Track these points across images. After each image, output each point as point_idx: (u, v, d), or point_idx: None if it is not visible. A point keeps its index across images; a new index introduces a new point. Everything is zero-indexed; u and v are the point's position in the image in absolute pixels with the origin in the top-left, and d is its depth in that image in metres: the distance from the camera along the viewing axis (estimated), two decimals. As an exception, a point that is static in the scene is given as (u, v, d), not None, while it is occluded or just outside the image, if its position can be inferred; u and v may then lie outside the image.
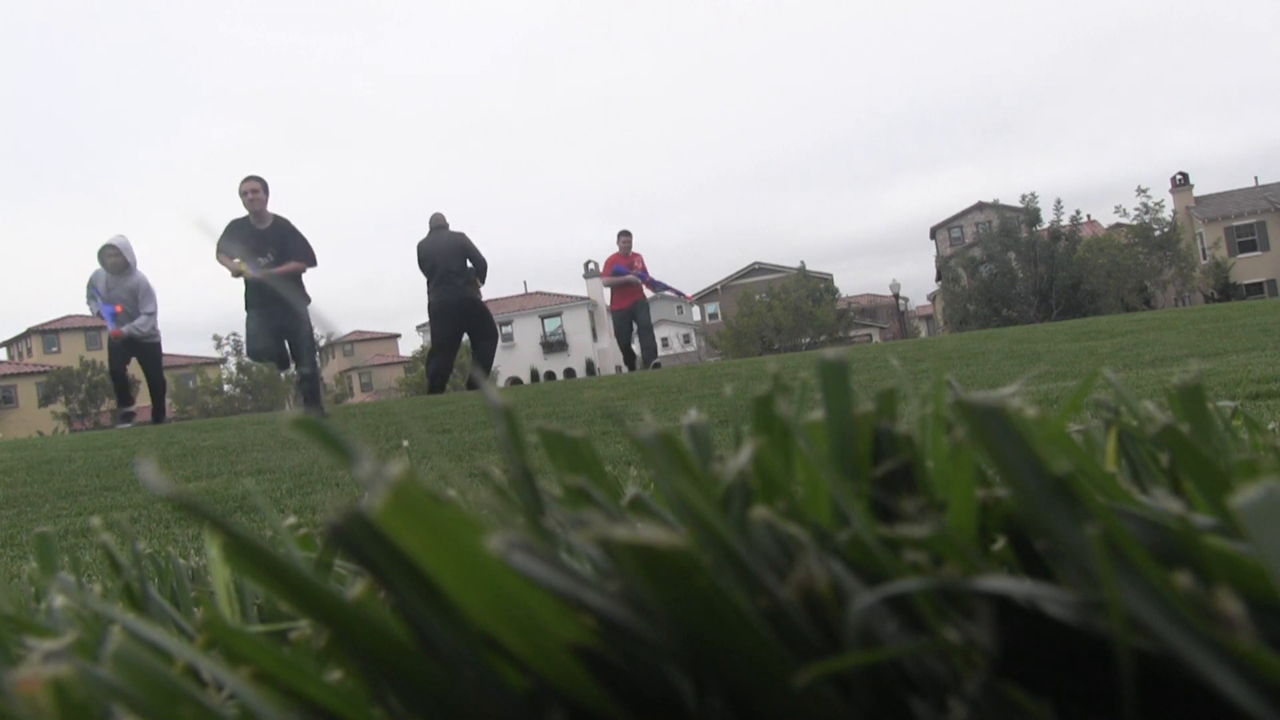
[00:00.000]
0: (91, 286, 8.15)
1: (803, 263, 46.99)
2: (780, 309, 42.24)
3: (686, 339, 55.51)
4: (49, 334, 50.35)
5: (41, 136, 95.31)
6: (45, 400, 45.44)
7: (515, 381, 42.04)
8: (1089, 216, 45.13)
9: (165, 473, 0.35)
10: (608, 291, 11.01)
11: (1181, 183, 43.97)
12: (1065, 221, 38.63)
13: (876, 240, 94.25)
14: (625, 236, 10.87)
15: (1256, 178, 48.69)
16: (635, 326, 10.75)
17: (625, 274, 10.79)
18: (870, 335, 49.39)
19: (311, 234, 7.00)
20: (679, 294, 12.16)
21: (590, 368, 45.25)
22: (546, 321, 51.24)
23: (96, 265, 8.17)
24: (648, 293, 10.96)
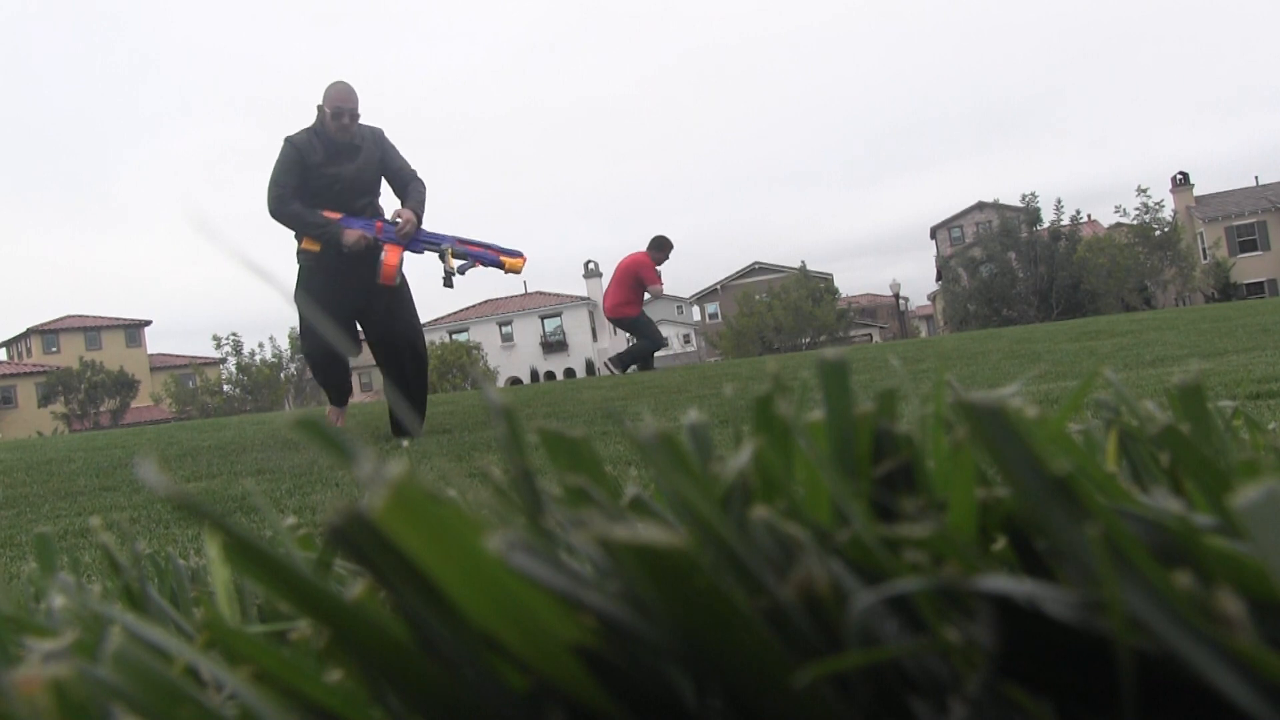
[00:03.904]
0: None
1: (803, 263, 46.99)
2: (780, 309, 42.25)
3: (686, 339, 55.54)
4: (48, 334, 50.37)
5: (40, 135, 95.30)
6: (45, 400, 45.47)
7: (515, 381, 42.05)
8: (1089, 216, 45.18)
9: (165, 473, 0.35)
10: (603, 291, 10.21)
11: (1182, 182, 43.99)
12: (1065, 221, 38.66)
13: (876, 240, 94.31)
14: (664, 252, 9.38)
15: (1257, 178, 48.74)
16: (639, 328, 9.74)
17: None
18: (870, 335, 49.41)
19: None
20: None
21: (590, 368, 45.26)
22: (546, 321, 51.25)
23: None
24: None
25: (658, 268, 9.35)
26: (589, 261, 50.52)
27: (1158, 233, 37.32)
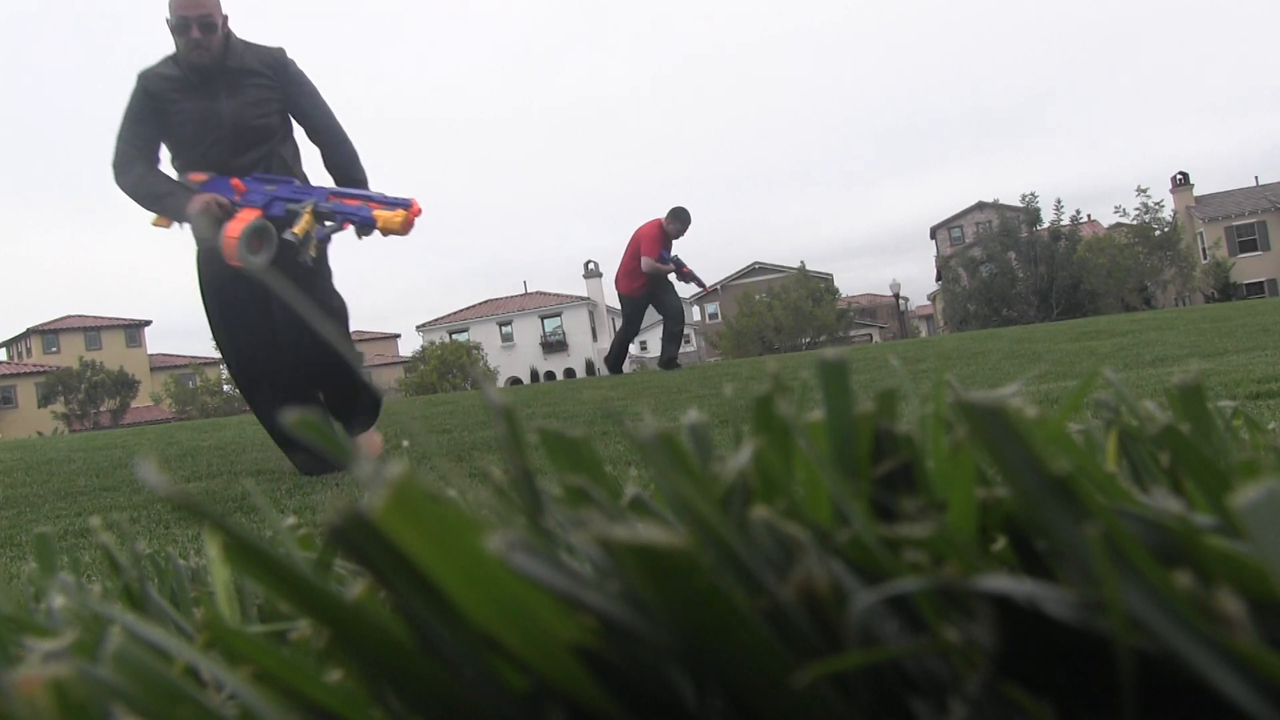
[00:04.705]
0: None
1: (803, 263, 47.04)
2: (780, 309, 42.26)
3: (686, 339, 55.52)
4: (48, 334, 50.38)
5: (40, 135, 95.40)
6: (44, 400, 45.48)
7: (515, 381, 42.05)
8: (1089, 216, 45.22)
9: (165, 473, 0.35)
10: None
11: (1181, 182, 44.00)
12: (1065, 221, 38.67)
13: (876, 240, 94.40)
14: (682, 224, 8.43)
15: (1257, 178, 48.81)
16: (663, 314, 8.60)
17: (667, 261, 8.45)
18: (870, 335, 49.43)
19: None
20: (702, 286, 9.45)
21: (590, 368, 45.26)
22: (546, 321, 51.25)
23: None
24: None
25: (674, 240, 8.50)
26: (589, 261, 50.56)
27: (1158, 233, 37.33)
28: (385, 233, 3.22)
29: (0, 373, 47.74)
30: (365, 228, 3.25)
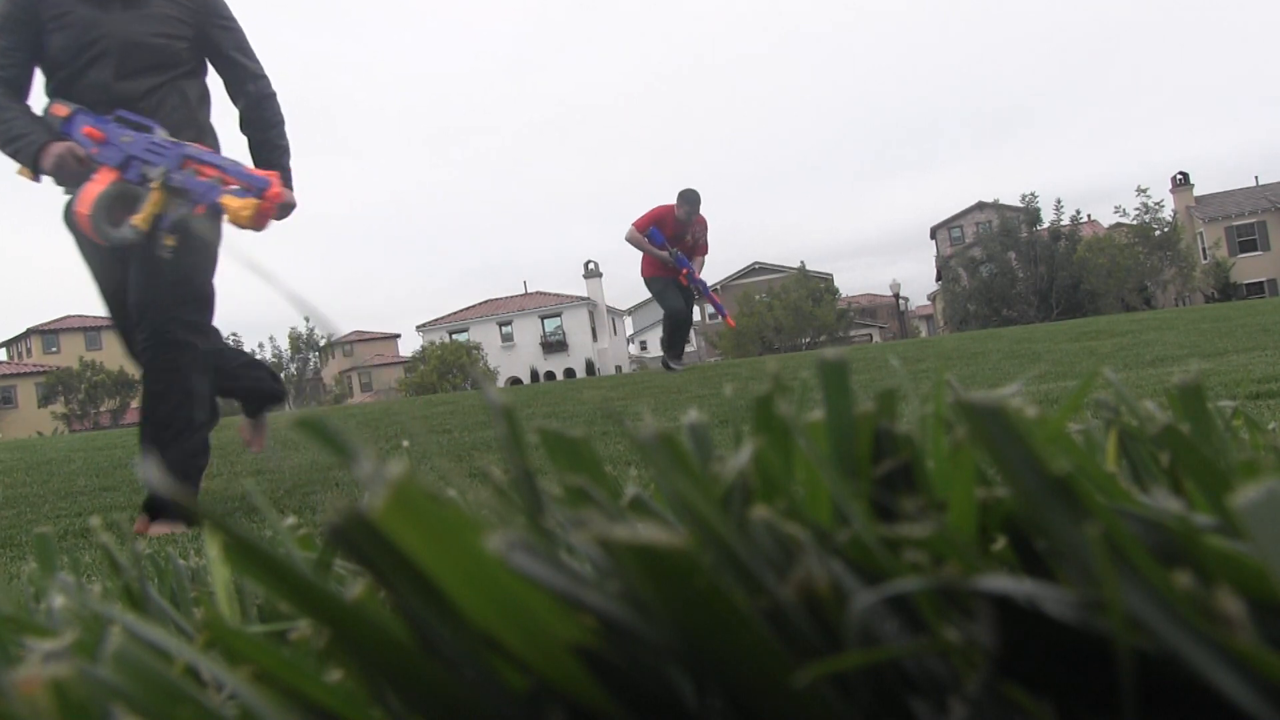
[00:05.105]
0: None
1: (803, 263, 47.10)
2: (780, 309, 42.30)
3: (686, 340, 55.40)
4: (48, 334, 50.39)
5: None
6: (45, 401, 45.49)
7: (515, 381, 42.06)
8: (1089, 216, 45.28)
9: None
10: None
11: (1181, 182, 44.02)
12: (1065, 221, 38.71)
13: (876, 240, 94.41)
14: (690, 205, 8.21)
15: (1257, 178, 48.86)
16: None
17: (663, 246, 8.27)
18: (870, 335, 49.45)
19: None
20: (721, 314, 9.52)
21: (590, 368, 45.27)
22: (546, 321, 51.25)
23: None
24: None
25: (684, 223, 8.40)
26: (589, 261, 50.56)
27: (1158, 233, 37.35)
28: (234, 225, 2.51)
29: (0, 373, 47.75)
30: (216, 213, 2.56)
